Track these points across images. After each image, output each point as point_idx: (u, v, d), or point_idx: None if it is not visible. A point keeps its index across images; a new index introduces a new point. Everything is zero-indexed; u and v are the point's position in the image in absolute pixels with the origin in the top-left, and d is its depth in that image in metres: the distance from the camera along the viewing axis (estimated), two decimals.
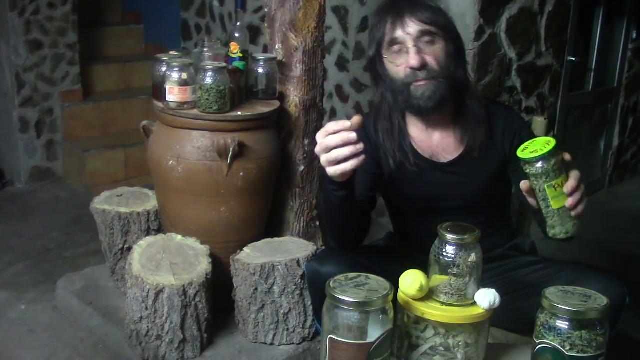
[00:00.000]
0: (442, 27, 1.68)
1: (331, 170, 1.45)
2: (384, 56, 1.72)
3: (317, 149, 1.44)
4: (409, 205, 1.81)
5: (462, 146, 1.76)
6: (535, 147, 1.46)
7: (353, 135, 1.39)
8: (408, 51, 1.66)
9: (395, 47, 1.68)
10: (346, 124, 1.40)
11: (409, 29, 1.65)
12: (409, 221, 1.90)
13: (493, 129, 1.77)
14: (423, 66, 1.65)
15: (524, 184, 1.50)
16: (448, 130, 1.77)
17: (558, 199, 1.44)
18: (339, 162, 1.42)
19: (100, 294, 2.37)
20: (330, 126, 1.42)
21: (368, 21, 3.39)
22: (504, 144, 1.78)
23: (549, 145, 1.44)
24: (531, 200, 1.50)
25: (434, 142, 1.77)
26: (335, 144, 1.40)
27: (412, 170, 1.73)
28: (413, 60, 1.65)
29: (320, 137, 1.44)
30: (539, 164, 1.44)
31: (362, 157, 1.42)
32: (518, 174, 1.78)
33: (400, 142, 1.75)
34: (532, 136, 1.79)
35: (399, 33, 1.66)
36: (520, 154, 1.47)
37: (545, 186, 1.45)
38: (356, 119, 1.42)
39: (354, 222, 1.70)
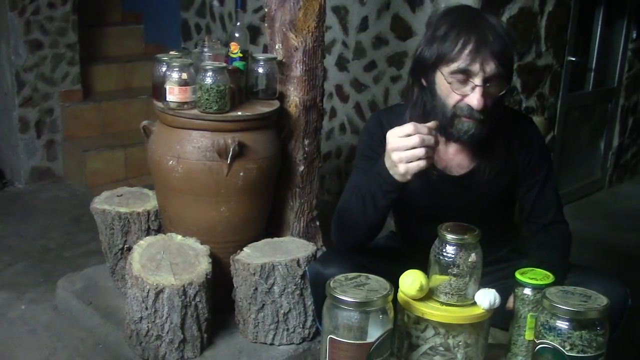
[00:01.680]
0: (510, 69, 1.60)
1: (402, 168, 1.46)
2: (442, 73, 1.58)
3: (396, 145, 1.46)
4: (414, 211, 1.80)
5: (475, 163, 1.73)
6: (534, 276, 1.52)
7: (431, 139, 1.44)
8: (474, 88, 1.55)
9: (461, 76, 1.55)
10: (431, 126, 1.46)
11: (487, 68, 1.53)
12: (412, 226, 1.89)
13: (511, 141, 1.72)
14: (484, 110, 1.56)
15: (510, 302, 1.55)
16: (465, 146, 1.72)
17: (533, 331, 1.47)
18: (410, 161, 1.45)
19: (100, 294, 2.37)
20: (412, 128, 1.44)
21: (368, 21, 3.40)
22: (520, 157, 1.73)
23: (547, 279, 1.50)
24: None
25: (449, 154, 1.73)
26: (415, 145, 1.44)
27: (422, 178, 1.71)
28: (477, 101, 1.54)
29: (399, 135, 1.45)
30: (530, 292, 1.51)
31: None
32: (523, 186, 1.77)
33: None
34: (546, 155, 1.79)
35: (475, 67, 1.53)
36: (518, 275, 1.53)
37: (529, 315, 1.50)
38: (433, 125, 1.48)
39: (377, 226, 1.69)
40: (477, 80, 1.54)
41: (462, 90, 1.57)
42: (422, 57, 1.62)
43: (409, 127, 1.44)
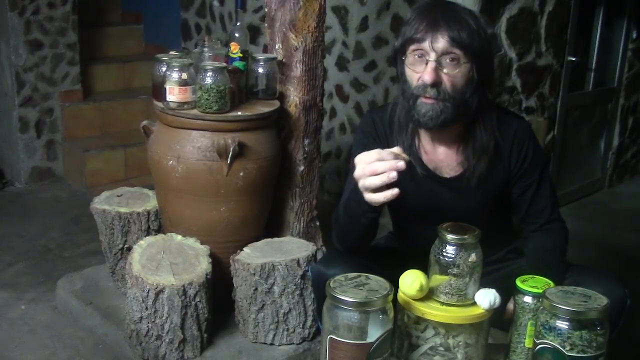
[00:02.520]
0: (473, 52, 1.59)
1: (371, 198, 1.46)
2: (403, 57, 1.66)
3: (360, 172, 1.45)
4: (408, 212, 1.80)
5: (464, 165, 1.73)
6: (535, 283, 1.52)
7: (394, 175, 1.43)
8: (427, 64, 1.60)
9: (418, 53, 1.61)
10: (399, 164, 1.43)
11: (437, 45, 1.58)
12: (408, 227, 1.89)
13: (502, 140, 1.72)
14: (435, 85, 1.59)
15: (509, 309, 1.56)
16: (453, 147, 1.73)
17: (533, 339, 1.46)
18: (375, 190, 1.44)
19: (100, 294, 2.37)
20: (382, 154, 1.44)
21: (368, 21, 3.40)
22: (511, 155, 1.73)
23: (547, 287, 1.49)
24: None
25: (439, 155, 1.74)
26: (381, 171, 1.43)
27: (414, 179, 1.71)
28: (427, 75, 1.58)
29: (366, 160, 1.45)
30: (531, 300, 1.50)
31: (394, 192, 1.44)
32: (517, 188, 1.77)
33: (410, 145, 1.73)
34: (539, 154, 1.78)
35: (426, 44, 1.59)
36: (518, 282, 1.53)
37: (529, 323, 1.50)
38: (399, 151, 1.47)
39: (370, 232, 1.71)
40: (430, 57, 1.60)
41: (418, 68, 1.63)
42: (394, 48, 1.70)
43: (372, 154, 1.45)
